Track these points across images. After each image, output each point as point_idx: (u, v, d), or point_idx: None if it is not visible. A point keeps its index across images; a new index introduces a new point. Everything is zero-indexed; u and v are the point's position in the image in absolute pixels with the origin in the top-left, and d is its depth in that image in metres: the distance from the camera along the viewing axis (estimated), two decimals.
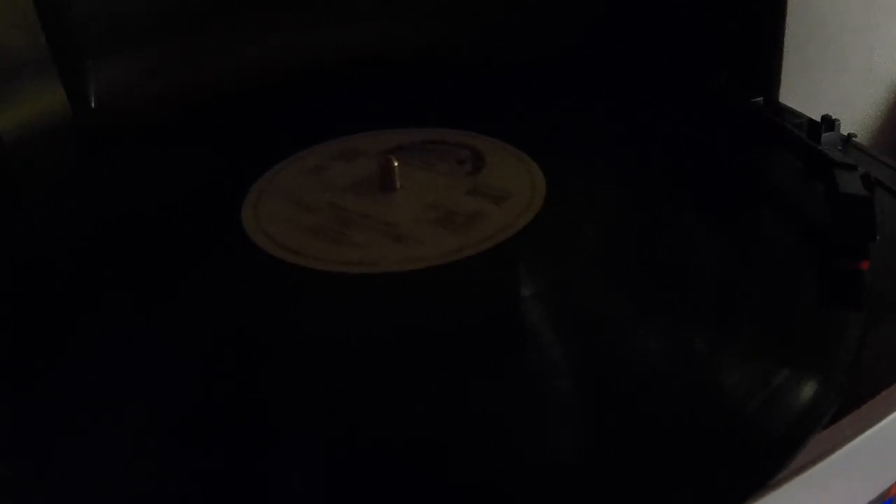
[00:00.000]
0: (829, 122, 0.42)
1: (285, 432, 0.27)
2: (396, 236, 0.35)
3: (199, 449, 0.27)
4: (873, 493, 0.30)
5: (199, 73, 0.50)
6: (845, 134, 0.42)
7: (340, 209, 0.38)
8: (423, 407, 0.28)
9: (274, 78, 0.51)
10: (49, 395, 0.29)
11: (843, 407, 0.28)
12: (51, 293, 0.34)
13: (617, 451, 0.26)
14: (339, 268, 0.34)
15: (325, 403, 0.28)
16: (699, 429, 0.27)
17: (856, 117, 0.53)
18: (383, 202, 0.38)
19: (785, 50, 0.46)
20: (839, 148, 0.41)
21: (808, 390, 0.28)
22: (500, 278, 0.34)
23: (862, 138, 0.43)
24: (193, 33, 0.50)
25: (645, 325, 0.31)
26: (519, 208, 0.37)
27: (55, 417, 0.28)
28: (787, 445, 0.26)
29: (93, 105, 0.48)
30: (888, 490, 0.30)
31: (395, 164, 0.38)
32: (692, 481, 0.25)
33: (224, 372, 0.29)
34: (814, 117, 0.43)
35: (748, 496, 0.25)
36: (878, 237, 0.33)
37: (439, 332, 0.31)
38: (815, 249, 0.35)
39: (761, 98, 0.47)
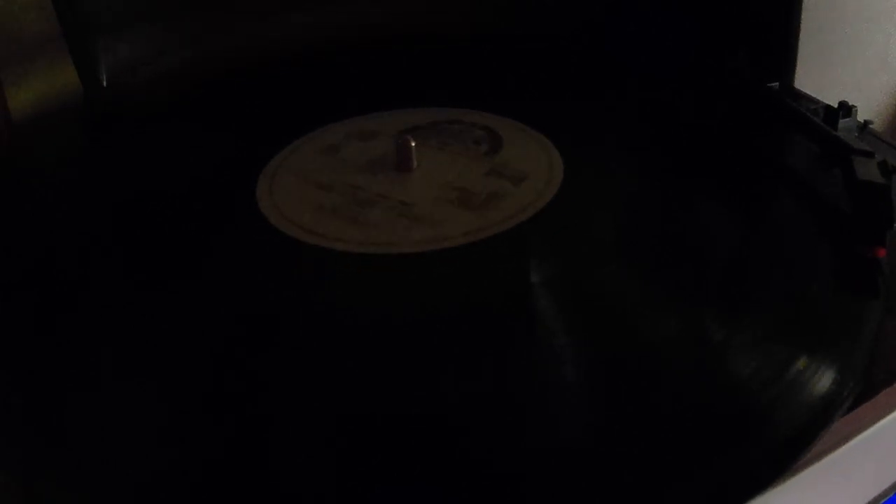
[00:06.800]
0: (846, 109, 0.42)
1: (298, 413, 0.27)
2: (414, 217, 0.35)
3: (213, 427, 0.27)
4: (883, 486, 0.30)
5: (212, 51, 0.50)
6: (861, 121, 0.42)
7: (357, 189, 0.37)
8: (441, 388, 0.28)
9: (288, 55, 0.50)
10: (62, 374, 0.29)
11: (859, 396, 0.28)
12: (63, 273, 0.34)
13: (633, 438, 0.26)
14: (357, 248, 0.34)
15: (340, 385, 0.28)
16: (715, 417, 0.27)
17: (871, 104, 0.52)
18: (400, 182, 0.38)
19: (801, 35, 0.46)
20: (855, 135, 0.41)
21: (824, 379, 0.28)
22: (519, 259, 0.34)
23: (876, 125, 0.43)
24: (206, 10, 0.50)
25: (661, 310, 0.31)
26: (537, 189, 0.37)
27: (68, 399, 0.28)
28: (804, 435, 0.26)
29: (104, 83, 0.48)
30: None
31: (413, 143, 0.38)
32: (708, 471, 0.25)
33: (239, 352, 0.29)
34: (828, 103, 0.43)
35: (766, 485, 0.25)
36: (895, 224, 0.33)
37: (458, 313, 0.31)
38: (831, 236, 0.34)
39: (777, 83, 0.46)
